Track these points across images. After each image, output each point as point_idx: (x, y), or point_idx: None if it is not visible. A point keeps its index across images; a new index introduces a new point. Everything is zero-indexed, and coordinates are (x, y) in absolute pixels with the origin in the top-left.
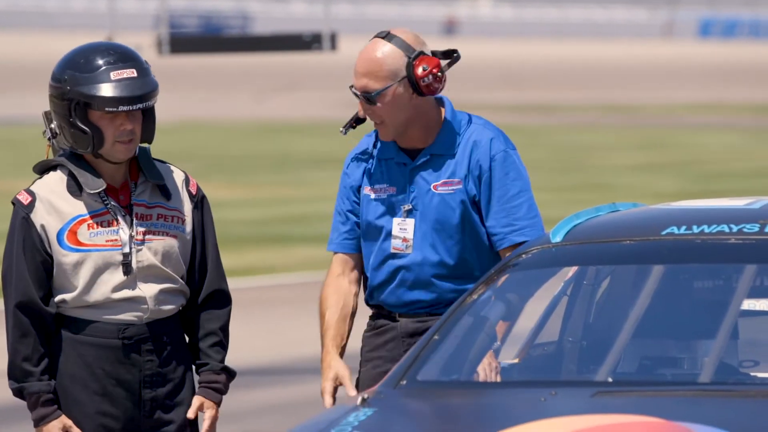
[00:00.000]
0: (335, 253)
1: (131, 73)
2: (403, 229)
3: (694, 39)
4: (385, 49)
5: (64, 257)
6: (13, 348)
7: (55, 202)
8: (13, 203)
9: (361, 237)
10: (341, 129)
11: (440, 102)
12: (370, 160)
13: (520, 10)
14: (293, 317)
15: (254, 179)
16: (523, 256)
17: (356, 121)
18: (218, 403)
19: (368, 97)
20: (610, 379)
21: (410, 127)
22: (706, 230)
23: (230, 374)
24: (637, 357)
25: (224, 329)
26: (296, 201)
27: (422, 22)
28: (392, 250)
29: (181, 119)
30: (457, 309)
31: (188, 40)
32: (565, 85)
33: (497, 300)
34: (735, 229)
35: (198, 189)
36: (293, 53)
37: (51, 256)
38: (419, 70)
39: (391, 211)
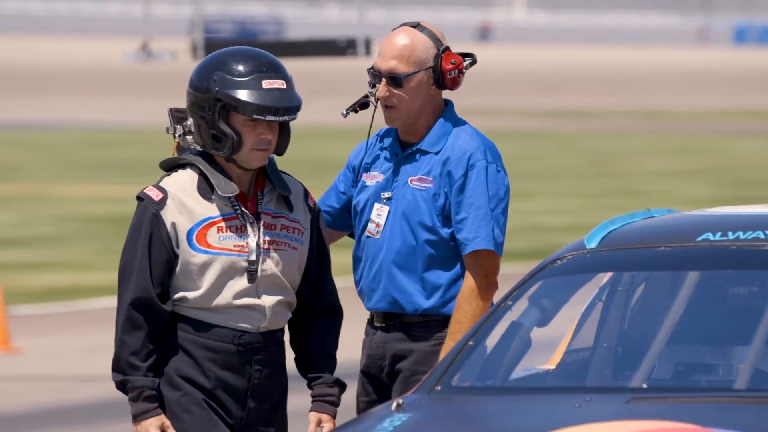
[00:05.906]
0: None
1: (281, 84)
2: (378, 214)
3: (729, 45)
4: (416, 36)
5: (193, 257)
6: (121, 340)
7: (186, 202)
8: (140, 198)
9: (352, 219)
10: (343, 111)
11: (445, 103)
12: (376, 149)
13: (555, 16)
14: None
15: None
16: (558, 261)
17: (361, 105)
18: (334, 416)
19: (396, 79)
20: (645, 386)
21: (420, 118)
22: (742, 236)
23: (342, 387)
24: (672, 363)
25: (335, 343)
26: None
27: (456, 28)
28: (366, 233)
29: None
30: (491, 314)
31: (223, 45)
32: (599, 91)
33: (532, 306)
34: None
35: (315, 203)
36: (328, 59)
37: (176, 255)
38: (447, 64)
39: (376, 197)
